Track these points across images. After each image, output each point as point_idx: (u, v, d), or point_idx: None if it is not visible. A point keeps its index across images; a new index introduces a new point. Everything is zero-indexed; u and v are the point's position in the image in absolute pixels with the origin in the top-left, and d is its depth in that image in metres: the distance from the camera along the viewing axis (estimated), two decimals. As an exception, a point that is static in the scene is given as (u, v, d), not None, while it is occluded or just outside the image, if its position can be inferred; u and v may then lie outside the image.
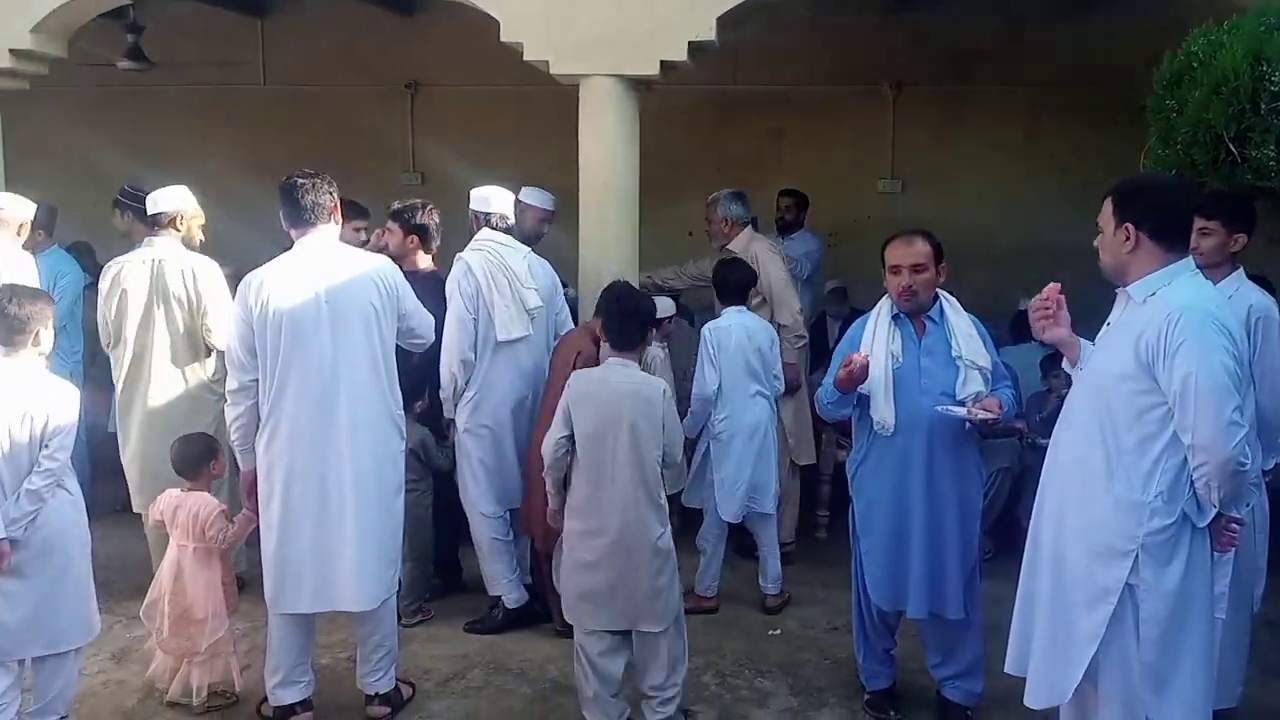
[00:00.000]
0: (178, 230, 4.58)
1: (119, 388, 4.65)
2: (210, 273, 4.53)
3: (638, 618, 3.51)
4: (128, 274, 4.52)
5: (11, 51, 5.34)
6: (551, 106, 5.52)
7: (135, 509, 4.60)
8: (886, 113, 7.46)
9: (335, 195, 3.66)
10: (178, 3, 6.74)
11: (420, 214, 4.62)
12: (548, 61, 4.92)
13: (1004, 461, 5.14)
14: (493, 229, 4.51)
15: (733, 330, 4.70)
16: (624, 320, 3.65)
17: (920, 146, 7.42)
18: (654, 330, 4.26)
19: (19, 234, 4.80)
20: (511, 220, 4.60)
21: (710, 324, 4.81)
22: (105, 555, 4.98)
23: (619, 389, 3.53)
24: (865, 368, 3.49)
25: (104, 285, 4.59)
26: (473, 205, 4.57)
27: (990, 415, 3.43)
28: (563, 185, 5.23)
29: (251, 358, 3.55)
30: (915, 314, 3.61)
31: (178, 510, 3.85)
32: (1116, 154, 4.34)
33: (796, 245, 6.39)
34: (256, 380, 3.56)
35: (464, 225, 4.67)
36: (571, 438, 3.53)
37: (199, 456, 3.95)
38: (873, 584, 3.70)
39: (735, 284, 4.89)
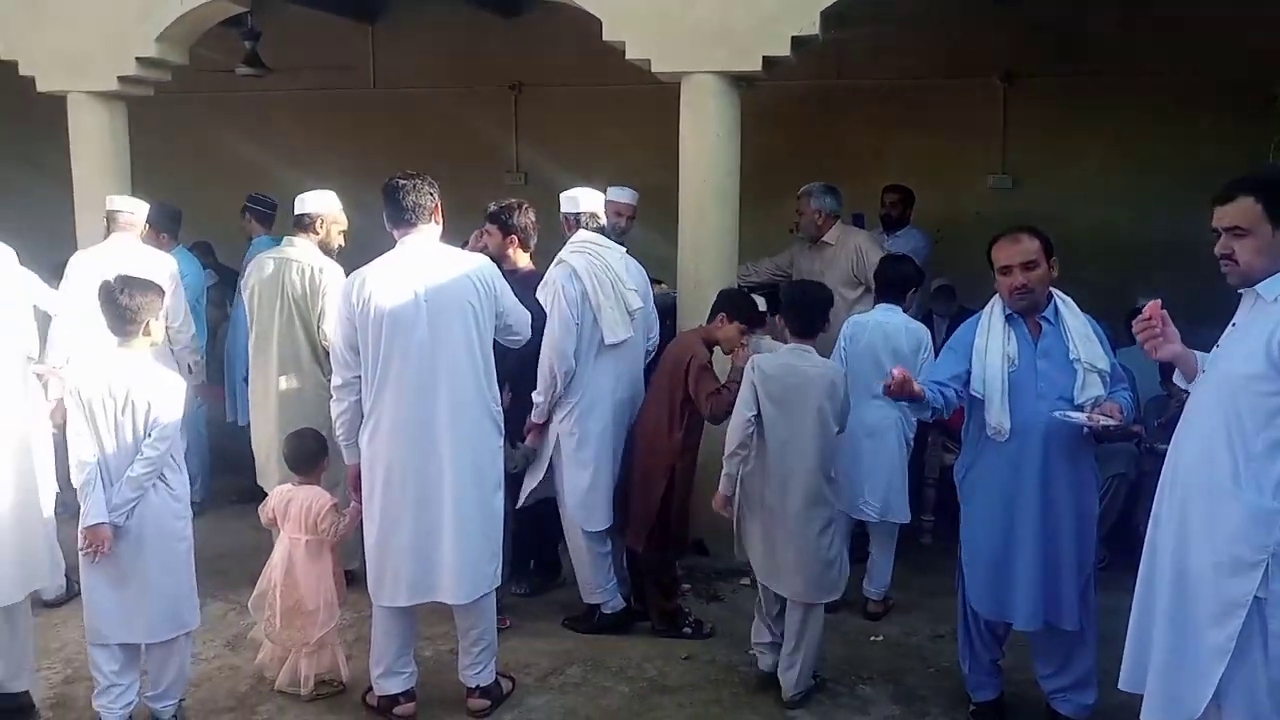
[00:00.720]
0: (316, 233, 4.75)
1: (252, 381, 4.86)
2: (334, 277, 4.64)
3: (809, 590, 3.82)
4: (263, 271, 4.73)
5: (138, 60, 5.61)
6: (651, 105, 5.52)
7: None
8: (996, 106, 7.24)
9: (436, 196, 3.73)
10: (293, 9, 6.94)
11: (517, 214, 4.66)
12: (649, 60, 4.93)
13: (1120, 467, 4.93)
14: (585, 229, 4.48)
15: (868, 327, 4.52)
16: (808, 308, 3.91)
17: (1032, 140, 7.18)
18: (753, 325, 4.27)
19: (143, 234, 5.02)
20: (603, 220, 4.58)
21: (852, 318, 4.67)
22: (223, 545, 5.20)
23: (807, 373, 3.80)
24: (906, 380, 3.30)
25: (244, 281, 4.80)
26: (563, 208, 4.54)
27: (1112, 421, 3.28)
28: (662, 184, 5.22)
29: (354, 355, 3.64)
30: (1029, 314, 3.48)
31: (289, 504, 3.96)
32: (1241, 144, 4.13)
33: (902, 242, 6.26)
34: (359, 377, 3.65)
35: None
36: (757, 418, 3.77)
37: (311, 452, 4.07)
38: (975, 593, 3.58)
39: (891, 280, 4.70)
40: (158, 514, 3.49)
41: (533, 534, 4.80)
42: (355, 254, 4.85)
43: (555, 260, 4.38)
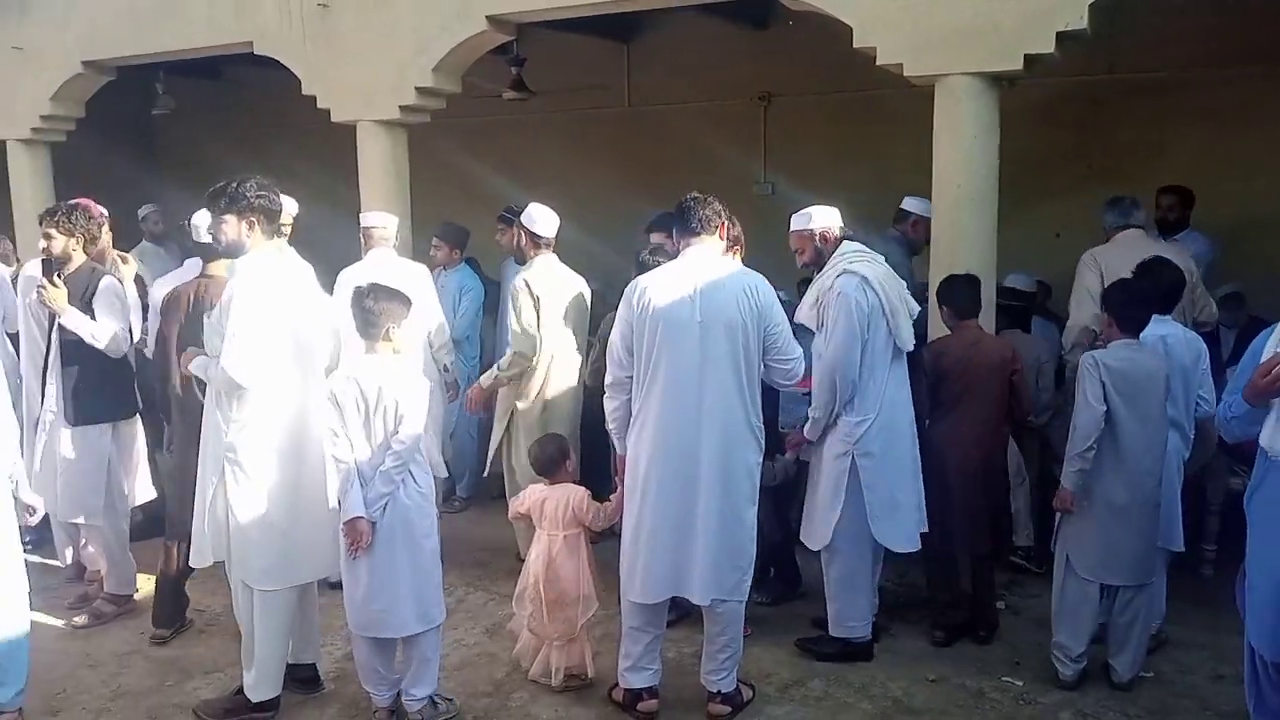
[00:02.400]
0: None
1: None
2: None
3: (1143, 571, 4.02)
4: (544, 284, 5.06)
5: (417, 89, 6.10)
6: (902, 110, 5.39)
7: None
8: (1294, 92, 6.52)
9: (723, 214, 3.86)
10: (554, 34, 7.30)
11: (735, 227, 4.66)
12: (902, 64, 4.82)
13: None
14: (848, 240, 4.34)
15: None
16: (1136, 307, 4.04)
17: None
18: None
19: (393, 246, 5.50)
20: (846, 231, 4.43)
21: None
22: (484, 538, 5.54)
23: (1150, 366, 3.97)
24: None
25: (528, 292, 5.10)
26: (815, 223, 4.31)
27: None
28: (914, 189, 5.09)
29: (629, 355, 3.80)
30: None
31: (545, 502, 4.16)
32: None
33: (1181, 247, 5.75)
34: (630, 377, 3.81)
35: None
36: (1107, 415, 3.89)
37: (554, 457, 4.27)
38: (1256, 631, 3.23)
39: (1167, 291, 4.37)
40: (405, 511, 3.70)
41: (775, 545, 4.79)
42: (587, 266, 5.07)
43: (833, 272, 4.16)
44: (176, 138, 10.23)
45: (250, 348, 3.64)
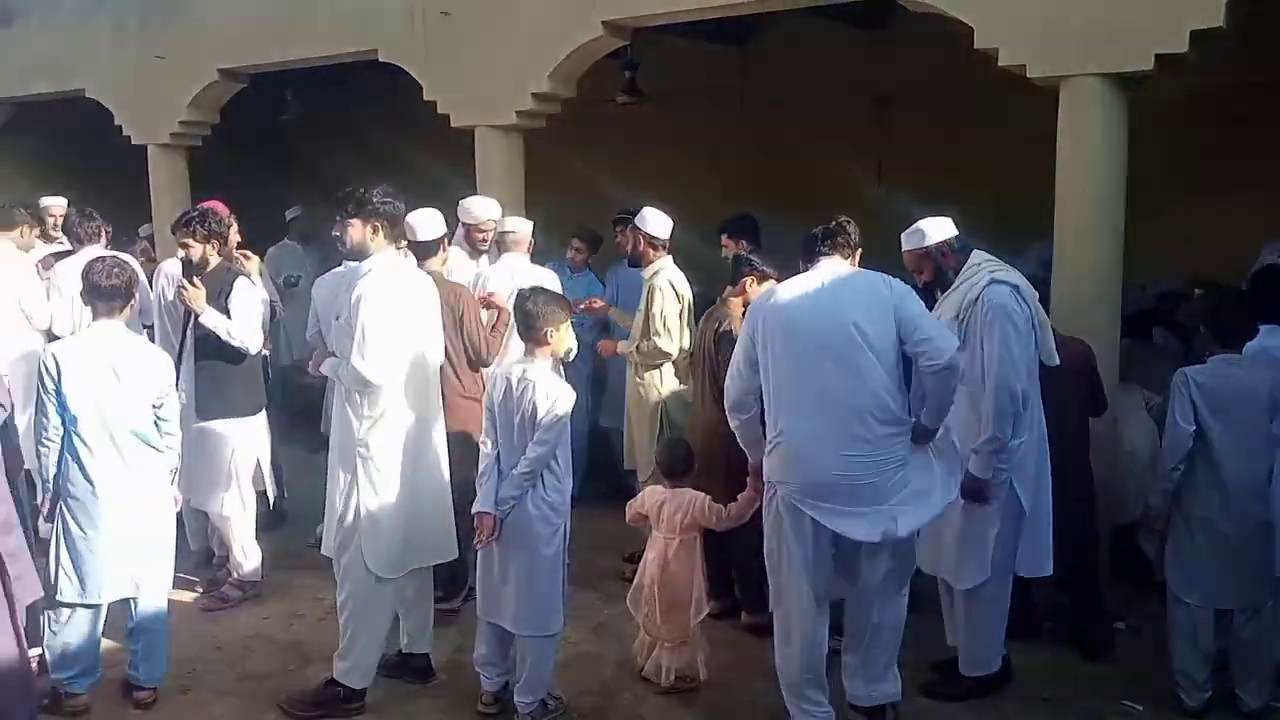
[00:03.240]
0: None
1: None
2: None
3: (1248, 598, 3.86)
4: (684, 285, 5.18)
5: (533, 95, 6.21)
6: (1024, 112, 5.24)
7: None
8: None
9: (856, 234, 3.82)
10: (668, 38, 7.33)
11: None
12: (1025, 65, 4.69)
13: None
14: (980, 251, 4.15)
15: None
16: (1234, 318, 3.94)
17: None
18: None
19: (527, 251, 5.55)
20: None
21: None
22: (591, 537, 5.59)
23: (1244, 380, 3.79)
24: None
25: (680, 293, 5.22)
26: (931, 238, 4.06)
27: None
28: (1036, 194, 4.94)
29: (753, 371, 3.62)
30: None
31: (663, 506, 4.18)
32: None
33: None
34: (754, 394, 3.64)
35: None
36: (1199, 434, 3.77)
37: (681, 461, 4.30)
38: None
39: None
40: (528, 519, 3.76)
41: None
42: (697, 269, 5.05)
43: (977, 282, 3.92)
44: (305, 143, 10.62)
45: (379, 347, 3.78)
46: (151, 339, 5.56)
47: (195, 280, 4.86)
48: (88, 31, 8.59)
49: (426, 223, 4.93)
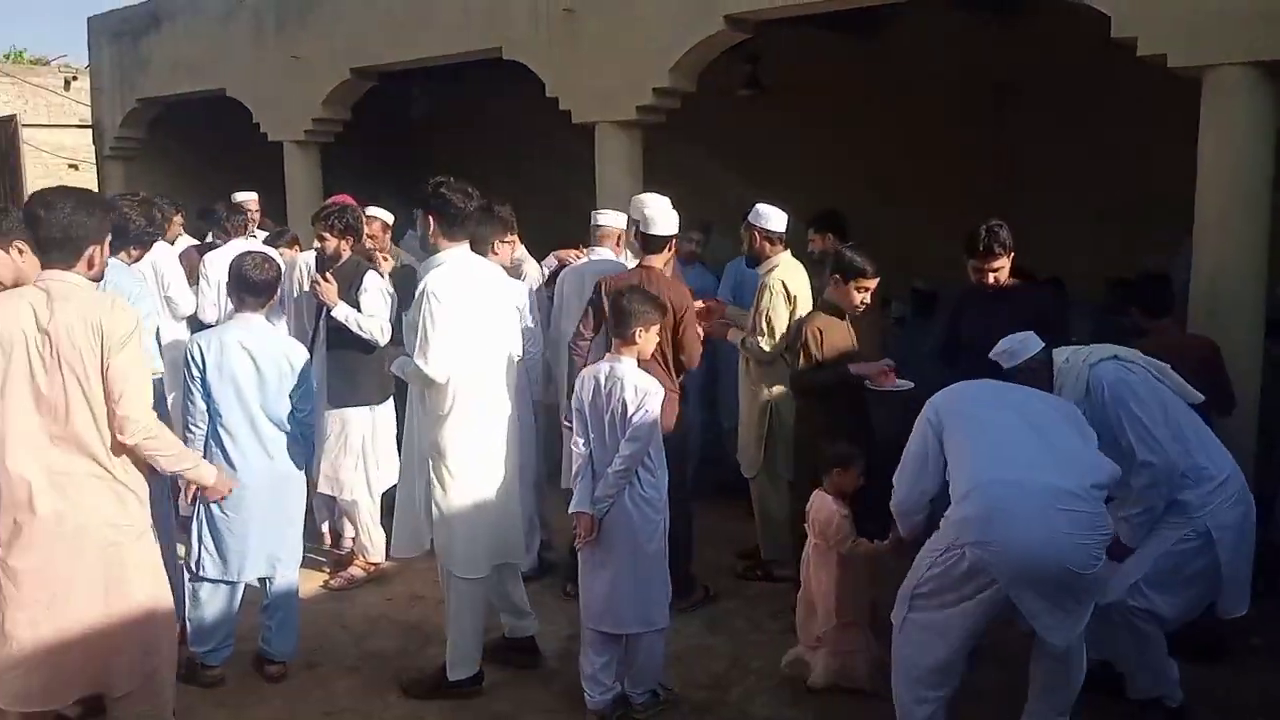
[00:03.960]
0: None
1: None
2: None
3: None
4: (798, 282, 5.08)
5: (654, 90, 6.23)
6: (1162, 103, 5.03)
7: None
8: None
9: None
10: (789, 30, 7.25)
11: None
12: (1166, 54, 4.50)
13: None
14: None
15: None
16: None
17: None
18: None
19: (618, 244, 5.58)
20: None
21: None
22: (703, 530, 5.58)
23: None
24: None
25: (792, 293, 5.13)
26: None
27: None
28: (1174, 188, 4.73)
29: (924, 469, 3.52)
30: None
31: (812, 507, 4.14)
32: None
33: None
34: (930, 492, 3.56)
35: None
36: None
37: (832, 462, 4.23)
38: None
39: None
40: (628, 515, 3.77)
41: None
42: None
43: (1083, 374, 3.76)
44: (429, 140, 10.91)
45: (439, 345, 3.79)
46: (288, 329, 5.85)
47: (328, 275, 5.05)
48: (228, 34, 9.02)
49: (662, 216, 4.81)
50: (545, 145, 8.67)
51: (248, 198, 7.50)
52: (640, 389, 3.75)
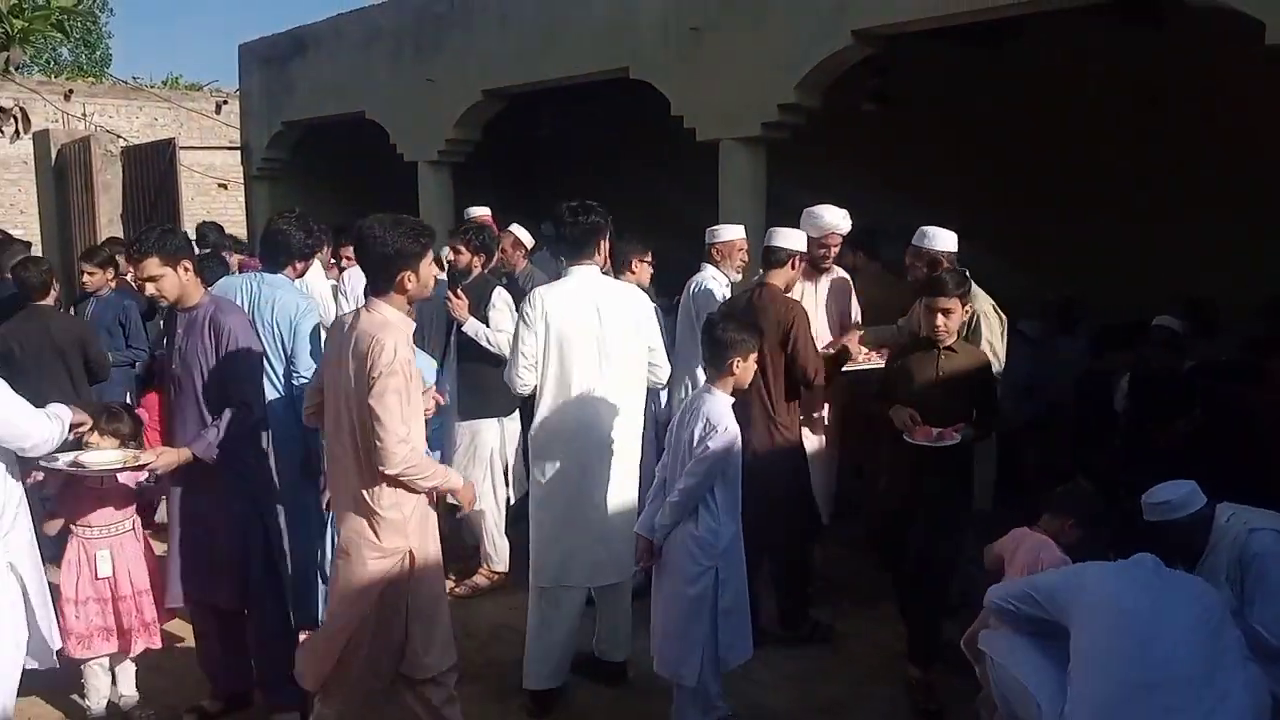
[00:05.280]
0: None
1: None
2: None
3: None
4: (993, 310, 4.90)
5: (779, 106, 6.21)
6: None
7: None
8: None
9: None
10: (916, 43, 7.13)
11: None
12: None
13: None
14: None
15: None
16: None
17: None
18: None
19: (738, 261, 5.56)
20: None
21: None
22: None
23: None
24: None
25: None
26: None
27: None
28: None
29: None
30: None
31: (1019, 548, 3.84)
32: None
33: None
34: None
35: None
36: None
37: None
38: None
39: None
40: (674, 550, 3.64)
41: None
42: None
43: (1240, 537, 3.51)
44: (556, 159, 11.12)
45: (522, 355, 3.97)
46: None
47: (459, 291, 5.20)
48: (368, 58, 9.39)
49: (786, 229, 4.85)
50: (673, 167, 8.73)
51: (480, 212, 7.34)
52: (711, 424, 3.56)
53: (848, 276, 5.57)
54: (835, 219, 5.24)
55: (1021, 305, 6.02)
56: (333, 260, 7.36)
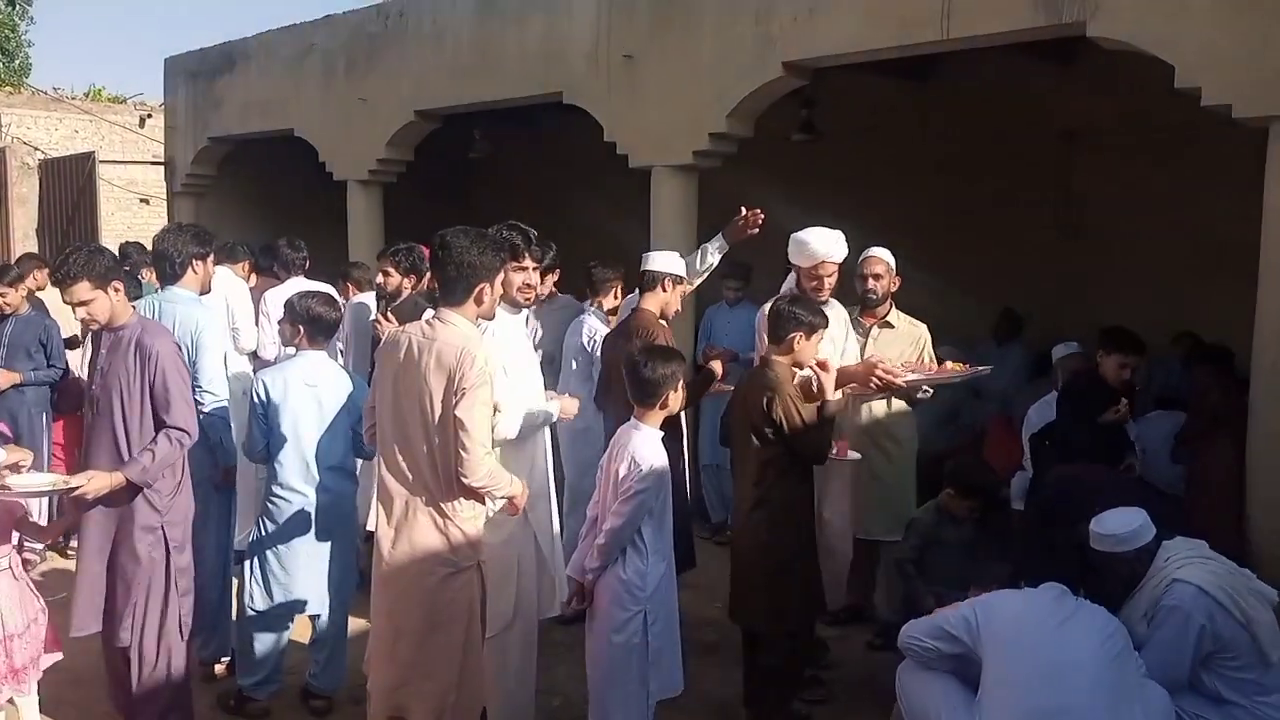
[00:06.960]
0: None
1: None
2: None
3: None
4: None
5: (710, 135, 6.29)
6: (1223, 151, 4.95)
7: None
8: None
9: None
10: (845, 75, 7.27)
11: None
12: (1230, 105, 4.44)
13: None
14: None
15: None
16: None
17: None
18: None
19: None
20: None
21: None
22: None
23: None
24: None
25: None
26: None
27: None
28: (1237, 238, 4.66)
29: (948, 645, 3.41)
30: None
31: None
32: None
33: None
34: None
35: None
36: None
37: None
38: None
39: None
40: (603, 596, 3.50)
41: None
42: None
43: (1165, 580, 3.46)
44: (485, 181, 11.09)
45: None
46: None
47: (388, 314, 5.15)
48: (299, 76, 9.28)
49: (659, 253, 4.88)
50: (601, 188, 8.77)
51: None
52: (637, 463, 3.42)
53: (843, 309, 4.93)
54: (825, 245, 4.50)
55: (952, 327, 6.18)
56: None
